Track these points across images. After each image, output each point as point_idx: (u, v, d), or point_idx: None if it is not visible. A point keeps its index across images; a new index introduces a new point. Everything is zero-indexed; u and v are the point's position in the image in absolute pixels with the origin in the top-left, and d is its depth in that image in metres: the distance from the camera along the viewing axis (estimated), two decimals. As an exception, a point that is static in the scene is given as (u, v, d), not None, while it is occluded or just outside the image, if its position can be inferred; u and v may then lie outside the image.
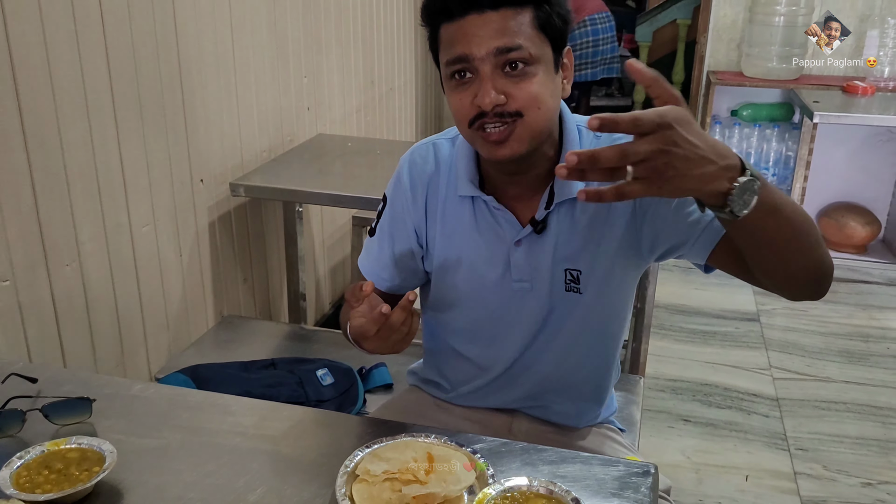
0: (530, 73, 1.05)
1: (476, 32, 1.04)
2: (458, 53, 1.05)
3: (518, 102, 1.05)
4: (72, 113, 1.58)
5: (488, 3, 1.04)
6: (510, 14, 1.04)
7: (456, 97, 1.08)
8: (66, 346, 1.63)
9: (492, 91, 1.03)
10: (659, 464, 2.42)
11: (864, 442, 2.48)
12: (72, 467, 0.96)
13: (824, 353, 3.02)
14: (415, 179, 1.23)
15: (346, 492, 0.92)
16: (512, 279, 1.18)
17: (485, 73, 1.04)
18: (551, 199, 1.14)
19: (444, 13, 1.07)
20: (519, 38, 1.04)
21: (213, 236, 2.13)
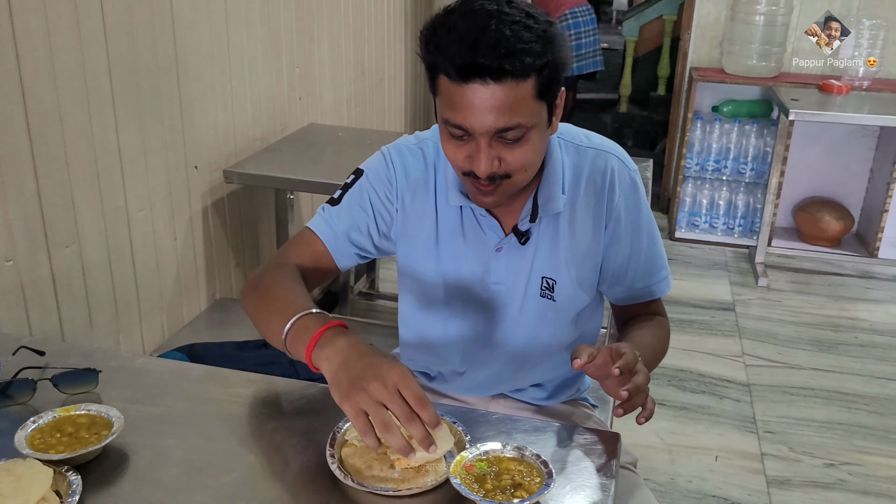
0: (525, 139, 1.08)
1: (477, 105, 1.03)
2: (457, 122, 1.06)
3: (509, 167, 1.09)
4: (73, 101, 1.64)
5: (492, 75, 1.01)
6: (512, 86, 1.02)
7: (450, 147, 1.11)
8: (64, 323, 1.70)
9: (487, 162, 1.07)
10: (634, 444, 2.53)
11: (830, 426, 2.59)
12: (82, 431, 1.03)
13: (795, 342, 3.13)
14: (408, 172, 1.26)
15: (336, 455, 1.00)
16: (490, 281, 1.26)
17: (482, 145, 1.06)
18: (535, 213, 1.21)
19: (445, 71, 1.05)
20: (518, 115, 1.04)
21: (206, 221, 2.20)
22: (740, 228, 4.10)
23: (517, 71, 1.02)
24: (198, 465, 1.01)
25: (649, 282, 1.29)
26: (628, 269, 1.28)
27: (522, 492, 0.94)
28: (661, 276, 1.30)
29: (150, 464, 1.01)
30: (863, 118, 3.42)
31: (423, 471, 0.98)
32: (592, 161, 1.23)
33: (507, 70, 1.01)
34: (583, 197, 1.23)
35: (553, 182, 1.21)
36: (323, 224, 1.27)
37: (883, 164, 3.82)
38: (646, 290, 1.30)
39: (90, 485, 0.96)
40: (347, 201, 1.27)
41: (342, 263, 1.28)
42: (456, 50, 1.02)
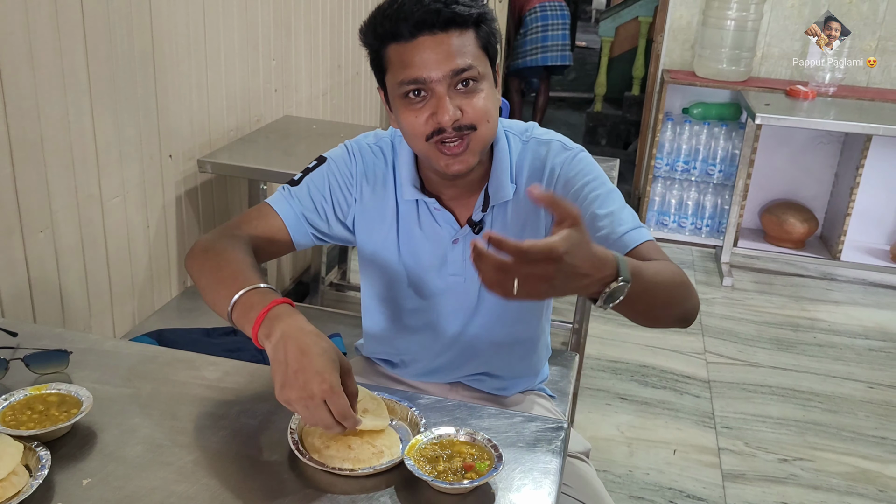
0: (479, 88, 1.16)
1: (429, 55, 1.12)
2: (414, 76, 1.13)
3: (471, 116, 1.15)
4: (50, 88, 1.67)
5: (439, 25, 1.11)
6: (457, 35, 1.13)
7: (410, 115, 1.16)
8: (37, 307, 1.73)
9: (450, 108, 1.13)
10: (594, 437, 2.60)
11: (784, 422, 2.68)
12: (52, 409, 1.07)
13: (756, 341, 3.22)
14: (368, 168, 1.32)
15: (297, 435, 1.05)
16: (448, 273, 1.31)
17: (441, 92, 1.13)
18: (487, 202, 1.27)
19: (395, 34, 1.13)
20: (468, 57, 1.14)
21: (179, 210, 2.23)
22: (707, 228, 4.19)
23: (459, 16, 1.12)
24: (162, 444, 1.05)
25: (616, 235, 1.18)
26: (594, 223, 1.19)
27: (472, 473, 0.99)
28: (627, 227, 1.18)
29: (117, 441, 1.05)
30: (828, 124, 3.52)
31: (379, 452, 1.03)
32: (534, 150, 1.30)
33: (450, 16, 1.11)
34: (526, 183, 1.28)
35: (501, 171, 1.26)
36: (283, 202, 1.30)
37: (846, 169, 3.92)
38: (618, 243, 1.18)
39: (59, 460, 1.00)
40: (307, 184, 1.31)
41: (298, 241, 1.32)
42: (401, 14, 1.12)
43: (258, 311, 1.05)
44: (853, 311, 3.53)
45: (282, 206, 1.30)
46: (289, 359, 0.99)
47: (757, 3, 3.83)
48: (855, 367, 3.06)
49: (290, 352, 0.99)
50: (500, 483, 1.00)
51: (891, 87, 3.97)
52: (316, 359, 0.98)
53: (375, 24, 1.16)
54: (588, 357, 2.97)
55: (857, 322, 3.43)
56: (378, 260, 1.35)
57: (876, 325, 3.40)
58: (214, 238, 1.24)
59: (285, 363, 0.99)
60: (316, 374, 0.97)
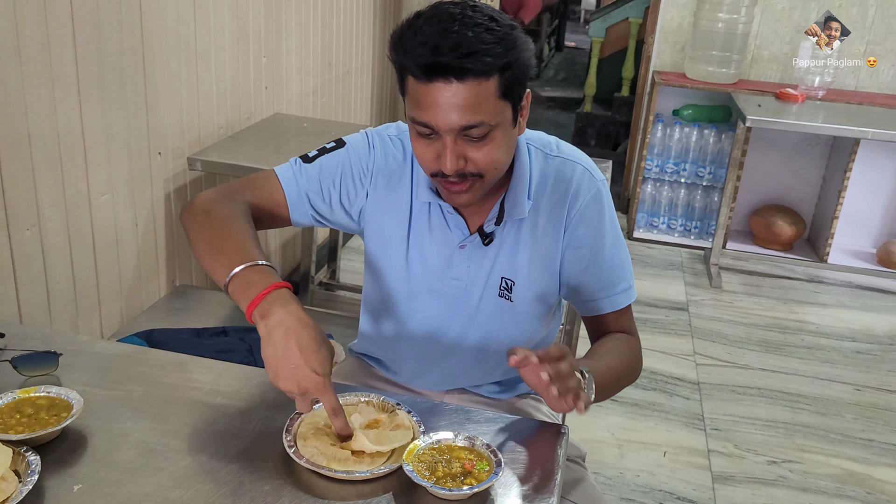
0: (489, 138, 1.12)
1: (441, 103, 1.07)
2: (423, 120, 1.10)
3: (477, 166, 1.13)
4: (37, 85, 1.64)
5: (454, 74, 1.06)
6: (475, 85, 1.06)
7: (420, 146, 1.15)
8: (23, 306, 1.70)
9: (453, 159, 1.11)
10: (585, 439, 2.59)
11: (773, 424, 2.69)
12: (41, 412, 1.05)
13: (744, 343, 3.23)
14: (388, 161, 1.29)
15: (293, 438, 1.03)
16: (450, 276, 1.29)
17: (447, 143, 1.10)
18: (501, 216, 1.25)
19: (410, 71, 1.09)
20: (481, 113, 1.08)
21: (168, 208, 2.20)
22: (696, 230, 4.20)
23: (478, 70, 1.06)
24: (155, 448, 1.03)
25: (609, 292, 1.30)
26: (589, 278, 1.29)
27: (472, 479, 0.98)
28: (622, 287, 1.31)
29: (108, 446, 1.03)
30: (816, 127, 3.53)
31: (378, 455, 1.02)
32: (559, 169, 1.26)
33: (469, 69, 1.05)
34: (546, 203, 1.26)
35: (520, 187, 1.24)
36: (290, 176, 1.27)
37: (834, 173, 3.94)
38: (606, 301, 1.31)
39: (49, 465, 0.98)
40: (320, 164, 1.28)
41: (296, 219, 1.29)
42: (420, 51, 1.06)
43: (258, 290, 1.05)
44: (840, 314, 3.55)
45: (287, 181, 1.27)
46: (287, 352, 1.01)
47: (748, 6, 3.84)
48: (842, 369, 3.08)
49: (288, 344, 1.01)
50: (499, 489, 0.99)
51: (879, 90, 3.99)
52: (312, 356, 1.01)
53: (398, 45, 1.11)
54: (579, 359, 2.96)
55: (844, 324, 3.44)
56: (385, 256, 1.32)
57: (863, 328, 3.42)
58: (217, 199, 1.22)
59: (282, 355, 1.01)
60: (312, 373, 1.01)
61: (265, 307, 1.04)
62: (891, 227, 4.08)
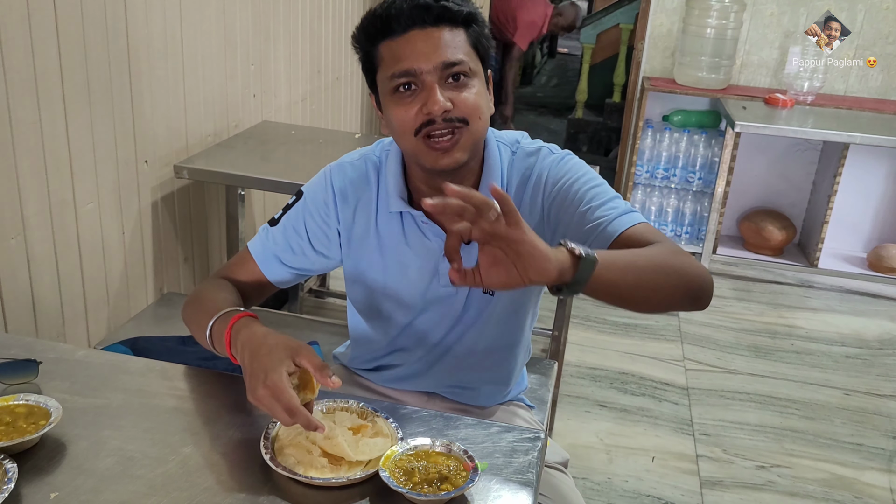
0: (470, 84, 1.16)
1: (421, 48, 1.13)
2: (405, 68, 1.13)
3: (463, 109, 1.14)
4: (21, 92, 1.64)
5: (430, 20, 1.13)
6: (448, 31, 1.14)
7: (401, 109, 1.15)
8: (8, 315, 1.70)
9: (440, 98, 1.12)
10: (573, 445, 2.60)
11: (762, 429, 2.69)
12: (20, 421, 1.05)
13: (734, 348, 3.24)
14: (346, 190, 1.29)
15: (270, 446, 1.03)
16: (439, 285, 1.29)
17: (431, 83, 1.13)
18: None
19: (386, 31, 1.15)
20: (460, 52, 1.15)
21: (155, 216, 2.20)
22: (687, 236, 4.21)
23: (448, 13, 1.14)
24: (133, 456, 1.03)
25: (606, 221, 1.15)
26: (585, 216, 1.17)
27: (448, 485, 0.98)
28: (618, 212, 1.16)
29: (86, 454, 1.03)
30: (806, 132, 3.54)
31: (356, 462, 1.02)
32: (522, 160, 1.28)
33: (440, 13, 1.13)
34: (515, 194, 1.27)
35: (492, 179, 1.25)
36: (259, 245, 1.32)
37: (824, 177, 3.96)
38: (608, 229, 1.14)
39: (26, 473, 0.98)
40: (284, 224, 1.31)
41: (276, 280, 1.33)
42: (391, 11, 1.14)
43: (224, 334, 1.13)
44: (830, 318, 3.56)
45: (257, 251, 1.32)
46: (245, 365, 1.07)
47: (736, 12, 3.86)
48: (832, 373, 3.08)
49: (245, 358, 1.07)
50: (476, 494, 0.99)
51: (868, 95, 4.01)
52: (263, 359, 1.04)
53: (367, 24, 1.18)
54: (567, 364, 2.97)
55: (833, 329, 3.45)
56: (362, 279, 1.32)
57: (852, 332, 3.43)
58: (197, 289, 1.30)
59: (244, 369, 1.07)
60: (260, 375, 1.03)
61: (234, 342, 1.11)
62: (881, 232, 4.10)
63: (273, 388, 1.01)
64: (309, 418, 1.01)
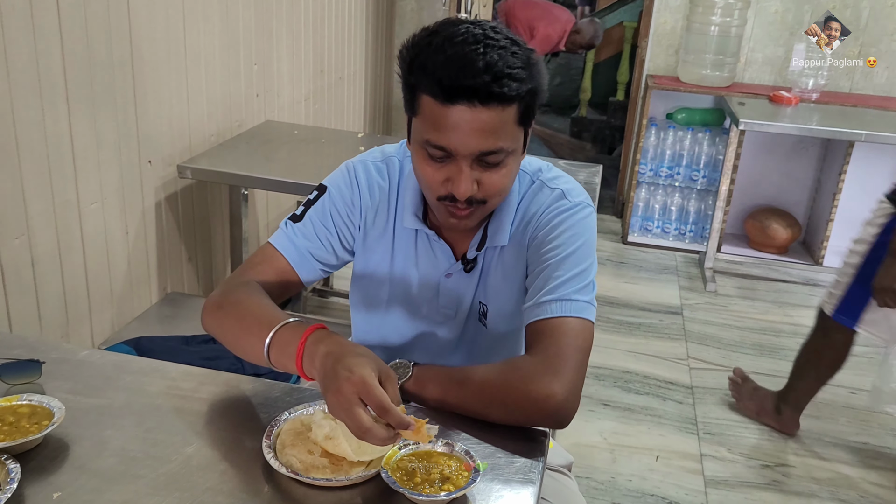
0: (503, 164, 1.10)
1: (462, 127, 1.05)
2: (440, 143, 1.07)
3: (487, 192, 1.11)
4: (25, 93, 1.65)
5: (479, 98, 1.03)
6: (498, 111, 1.04)
7: (428, 170, 1.11)
8: (12, 315, 1.71)
9: (468, 184, 1.08)
10: (577, 444, 2.59)
11: (767, 428, 2.68)
12: (23, 421, 1.05)
13: (739, 346, 3.23)
14: (371, 188, 1.26)
15: (272, 445, 1.03)
16: (439, 305, 1.28)
17: (464, 167, 1.08)
18: (483, 241, 1.23)
19: (430, 91, 1.05)
20: (501, 140, 1.07)
21: (159, 215, 2.20)
22: (691, 234, 4.20)
23: (504, 95, 1.03)
24: (135, 456, 1.03)
25: (538, 298, 1.14)
26: (534, 280, 1.17)
27: (450, 485, 0.98)
28: (557, 295, 1.12)
29: (89, 454, 1.03)
30: (810, 129, 3.53)
31: (358, 463, 1.02)
32: (536, 194, 1.24)
33: (495, 94, 1.03)
34: (517, 228, 1.24)
35: (506, 214, 1.22)
36: (286, 240, 1.26)
37: (829, 175, 3.95)
38: (531, 309, 1.14)
39: (29, 473, 0.98)
40: (310, 218, 1.26)
41: (307, 278, 1.28)
42: (444, 71, 1.03)
43: (295, 345, 1.05)
44: (835, 317, 3.54)
45: (285, 246, 1.26)
46: (326, 371, 0.99)
47: (741, 9, 3.85)
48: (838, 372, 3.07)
49: (328, 364, 0.99)
50: (477, 495, 0.99)
51: (873, 92, 4.00)
52: (348, 359, 0.98)
53: (415, 63, 1.07)
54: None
55: (839, 327, 3.44)
56: (369, 284, 1.31)
57: (858, 331, 3.42)
58: (225, 291, 1.22)
59: (324, 374, 0.99)
60: (344, 373, 0.96)
61: (310, 353, 1.03)
62: (886, 230, 4.08)
63: (360, 384, 0.94)
64: (402, 416, 0.95)
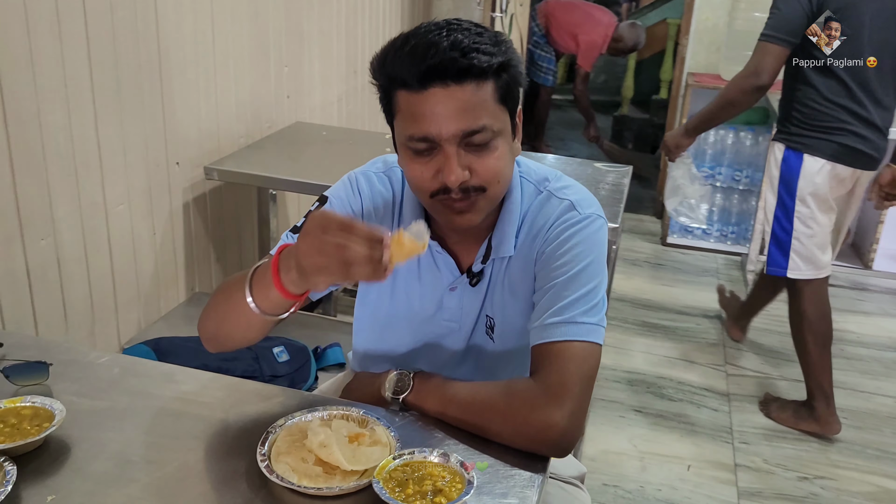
0: (492, 146, 1.06)
1: (440, 111, 1.02)
2: (422, 133, 1.04)
3: (481, 177, 1.07)
4: (51, 97, 1.67)
5: (452, 77, 1.01)
6: (473, 88, 1.02)
7: (416, 168, 1.08)
8: (38, 315, 1.74)
9: (458, 170, 1.05)
10: (605, 451, 2.54)
11: (806, 438, 2.59)
12: (24, 423, 1.06)
13: (779, 353, 3.13)
14: (373, 200, 1.23)
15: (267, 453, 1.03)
16: (442, 318, 1.25)
17: (450, 152, 1.04)
18: (488, 254, 1.19)
19: (403, 81, 1.03)
20: (483, 117, 1.04)
21: (187, 217, 2.23)
22: (733, 235, 4.09)
23: (475, 69, 1.01)
24: (131, 459, 1.03)
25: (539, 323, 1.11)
26: (540, 298, 1.14)
27: (442, 497, 0.96)
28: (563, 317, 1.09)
29: (87, 456, 1.04)
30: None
31: (351, 472, 1.01)
32: (543, 204, 1.19)
33: (466, 68, 1.01)
34: (524, 239, 1.19)
35: (508, 223, 1.18)
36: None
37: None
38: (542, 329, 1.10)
39: (28, 475, 0.99)
40: None
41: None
42: (411, 59, 1.02)
43: (269, 266, 1.03)
44: (884, 323, 3.42)
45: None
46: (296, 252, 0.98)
47: (786, 5, 3.73)
48: (883, 381, 2.96)
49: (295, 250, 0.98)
50: (475, 505, 0.97)
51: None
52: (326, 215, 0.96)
53: (385, 62, 1.06)
54: (602, 367, 2.90)
55: (887, 334, 3.32)
56: (371, 298, 1.29)
57: (907, 338, 3.29)
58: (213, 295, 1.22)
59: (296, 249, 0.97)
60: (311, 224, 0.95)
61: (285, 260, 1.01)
62: (940, 232, 3.92)
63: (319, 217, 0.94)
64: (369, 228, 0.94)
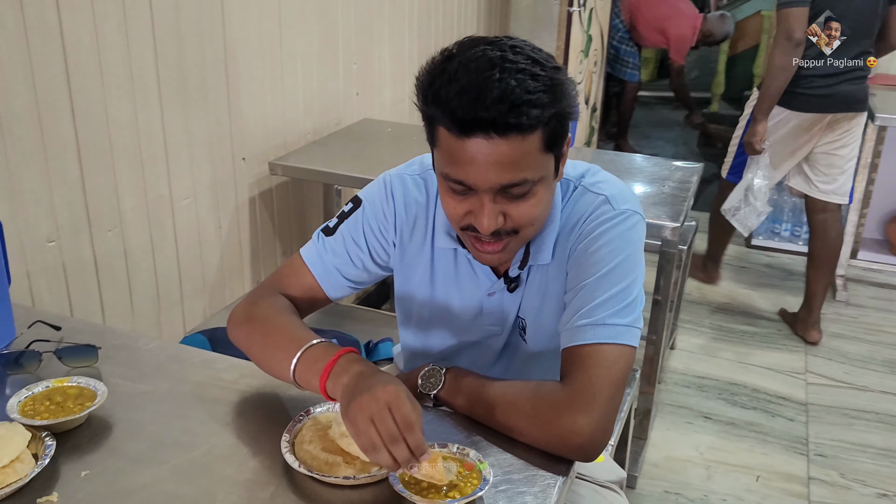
0: (531, 193, 1.03)
1: (480, 160, 0.97)
2: (458, 178, 1.01)
3: (515, 222, 1.04)
4: (118, 94, 1.75)
5: (496, 130, 0.95)
6: (518, 140, 0.97)
7: (449, 202, 1.05)
8: (105, 303, 1.82)
9: (491, 217, 1.02)
10: (669, 457, 2.47)
11: (888, 453, 2.44)
12: (69, 401, 1.12)
13: (867, 362, 2.96)
14: (408, 203, 1.22)
15: (291, 441, 1.04)
16: (485, 323, 1.24)
17: (485, 199, 1.01)
18: (526, 260, 1.17)
19: (445, 123, 0.99)
20: (523, 171, 0.99)
21: (253, 211, 2.29)
22: (823, 239, 3.88)
23: (523, 125, 0.96)
24: (164, 442, 1.07)
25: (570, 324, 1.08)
26: (571, 299, 1.11)
27: (456, 492, 0.95)
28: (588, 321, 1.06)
29: (123, 436, 1.08)
30: (960, 126, 3.18)
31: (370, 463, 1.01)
32: (579, 197, 1.16)
33: (513, 124, 0.95)
34: (559, 238, 1.16)
35: (548, 231, 1.15)
36: (315, 255, 1.24)
37: None
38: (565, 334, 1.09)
39: (67, 450, 1.05)
40: (342, 233, 1.23)
41: (333, 295, 1.26)
42: (457, 102, 0.95)
43: (325, 361, 1.03)
44: None
45: (313, 261, 1.23)
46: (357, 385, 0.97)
47: (883, -5, 3.52)
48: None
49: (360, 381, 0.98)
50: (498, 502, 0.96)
51: None
52: (382, 377, 0.98)
53: (428, 95, 1.00)
54: (673, 372, 2.82)
55: None
56: (411, 301, 1.29)
57: None
58: (252, 303, 1.21)
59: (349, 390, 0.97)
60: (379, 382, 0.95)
61: (337, 372, 1.01)
62: None
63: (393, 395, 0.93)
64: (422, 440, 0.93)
